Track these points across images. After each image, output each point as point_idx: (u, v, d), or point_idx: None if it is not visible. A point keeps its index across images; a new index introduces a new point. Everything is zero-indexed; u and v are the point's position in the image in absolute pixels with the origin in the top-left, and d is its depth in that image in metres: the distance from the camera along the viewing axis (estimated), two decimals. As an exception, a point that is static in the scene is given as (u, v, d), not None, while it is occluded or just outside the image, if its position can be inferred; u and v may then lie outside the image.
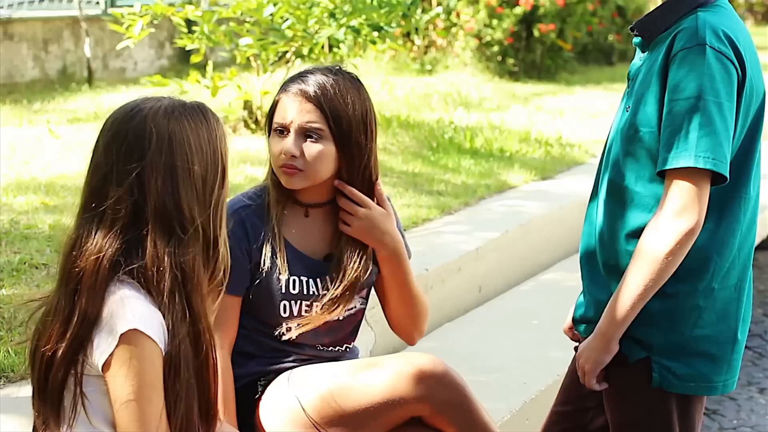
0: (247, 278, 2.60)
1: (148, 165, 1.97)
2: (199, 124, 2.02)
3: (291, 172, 2.57)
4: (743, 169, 2.34)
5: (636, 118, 2.34)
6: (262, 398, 2.63)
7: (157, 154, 1.97)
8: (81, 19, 9.09)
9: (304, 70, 2.64)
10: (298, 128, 2.56)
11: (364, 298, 2.74)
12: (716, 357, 2.39)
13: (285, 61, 6.67)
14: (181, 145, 1.99)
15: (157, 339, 1.92)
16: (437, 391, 2.49)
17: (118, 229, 1.96)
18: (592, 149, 7.32)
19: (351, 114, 2.56)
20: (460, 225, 5.14)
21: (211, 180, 2.02)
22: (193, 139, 2.00)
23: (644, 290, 2.29)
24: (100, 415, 1.95)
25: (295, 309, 2.63)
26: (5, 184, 5.19)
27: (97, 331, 1.92)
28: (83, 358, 1.93)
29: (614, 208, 2.41)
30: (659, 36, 2.37)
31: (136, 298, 1.93)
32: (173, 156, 1.98)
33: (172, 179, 1.98)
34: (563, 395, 2.69)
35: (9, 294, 3.62)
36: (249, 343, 2.65)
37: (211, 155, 2.02)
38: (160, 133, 1.98)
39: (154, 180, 1.97)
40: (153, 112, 2.00)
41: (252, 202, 2.63)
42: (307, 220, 2.66)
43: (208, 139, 2.02)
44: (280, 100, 2.60)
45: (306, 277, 2.63)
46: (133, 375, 1.90)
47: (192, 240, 1.99)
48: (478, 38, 10.73)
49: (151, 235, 1.96)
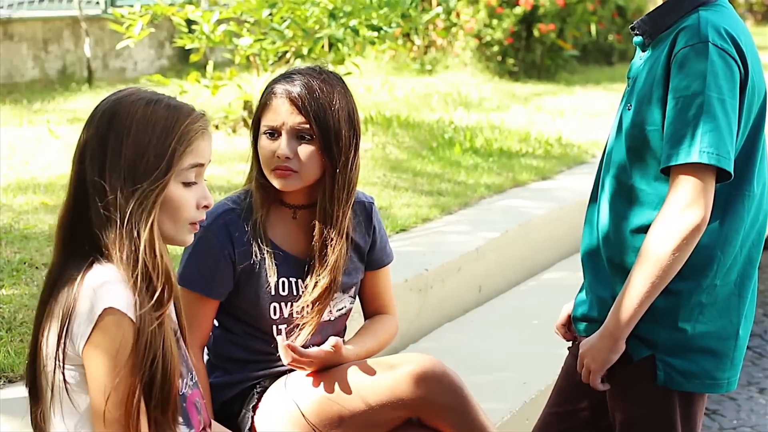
0: (230, 283, 2.60)
1: (89, 138, 2.00)
2: (157, 113, 2.00)
3: (286, 174, 2.56)
4: (747, 167, 2.35)
5: (640, 116, 2.35)
6: (259, 405, 2.63)
7: (96, 127, 2.00)
8: (81, 19, 9.09)
9: (288, 72, 2.64)
10: (290, 130, 2.56)
11: (352, 297, 2.75)
12: (718, 353, 2.39)
13: (285, 61, 6.66)
14: (122, 121, 1.98)
15: (131, 315, 1.92)
16: (435, 393, 2.49)
17: (80, 208, 1.99)
18: (592, 149, 7.32)
19: (337, 115, 2.56)
20: (460, 225, 5.14)
21: (143, 169, 1.97)
22: (140, 121, 1.98)
23: (651, 288, 2.29)
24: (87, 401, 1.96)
25: (285, 311, 2.63)
26: (5, 184, 5.19)
27: (76, 315, 1.93)
28: (64, 346, 1.94)
29: (619, 206, 2.40)
30: (660, 35, 2.38)
31: (107, 277, 1.93)
32: (109, 130, 1.98)
33: (102, 152, 1.97)
34: (558, 396, 2.68)
35: (9, 294, 3.62)
36: (239, 348, 2.65)
37: (156, 145, 1.98)
38: (110, 108, 2.00)
39: (90, 152, 1.98)
40: (125, 94, 2.03)
41: (236, 206, 2.63)
42: (294, 222, 2.66)
43: (162, 127, 1.99)
44: (268, 103, 2.59)
45: (294, 278, 2.63)
46: (108, 354, 1.91)
47: (112, 221, 1.96)
48: (478, 38, 10.73)
49: (93, 211, 1.97)
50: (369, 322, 2.80)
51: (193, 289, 2.58)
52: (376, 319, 2.81)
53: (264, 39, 6.41)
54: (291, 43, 6.42)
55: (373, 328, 2.77)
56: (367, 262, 2.75)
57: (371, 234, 2.74)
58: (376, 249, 2.76)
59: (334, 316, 2.69)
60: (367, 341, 2.71)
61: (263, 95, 2.62)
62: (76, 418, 1.98)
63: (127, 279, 1.94)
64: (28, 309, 3.48)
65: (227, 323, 2.67)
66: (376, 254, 2.76)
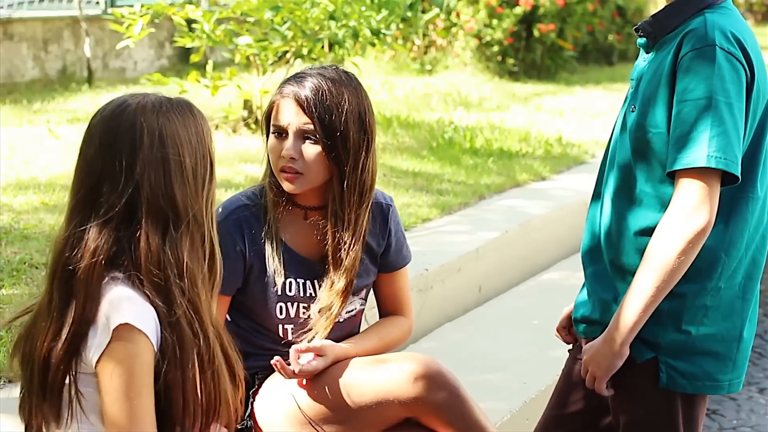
0: (239, 279, 2.60)
1: (141, 160, 1.96)
2: (187, 119, 2.02)
3: (291, 177, 2.56)
4: (751, 170, 2.34)
5: (644, 119, 2.33)
6: (259, 392, 2.64)
7: (149, 149, 1.97)
8: (81, 19, 9.09)
9: (301, 72, 2.63)
10: (296, 130, 2.56)
11: (363, 299, 2.74)
12: (721, 355, 2.38)
13: (285, 61, 6.67)
14: (172, 138, 1.98)
15: (149, 334, 1.92)
16: (430, 392, 2.48)
17: (112, 226, 1.96)
18: (592, 149, 7.32)
19: (345, 117, 2.54)
20: (460, 225, 5.14)
21: (201, 173, 2.02)
22: (182, 132, 2.00)
23: (656, 291, 2.28)
24: (98, 413, 1.95)
25: (292, 311, 2.63)
26: (5, 184, 5.19)
27: (92, 328, 1.92)
28: (78, 357, 1.93)
29: (622, 207, 2.40)
30: (665, 37, 2.37)
31: (129, 295, 1.93)
32: (165, 149, 1.97)
33: (165, 173, 1.97)
34: (558, 398, 2.67)
35: (9, 294, 3.62)
36: (245, 343, 2.65)
37: (200, 149, 2.02)
38: (150, 127, 1.98)
39: (147, 175, 1.96)
40: (141, 107, 2.00)
41: (250, 203, 2.63)
42: (305, 223, 2.66)
43: (195, 132, 2.02)
44: (276, 103, 2.60)
45: (303, 279, 2.63)
46: (123, 369, 1.90)
47: (184, 234, 1.98)
48: (478, 38, 10.73)
49: (144, 231, 1.95)
50: (377, 323, 2.80)
51: None
52: (386, 320, 2.80)
53: (264, 39, 6.41)
54: (291, 43, 6.42)
55: (378, 328, 2.76)
56: (381, 264, 2.74)
57: (386, 237, 2.72)
58: (392, 251, 2.74)
59: (343, 318, 2.69)
60: (368, 340, 2.71)
61: (274, 95, 2.63)
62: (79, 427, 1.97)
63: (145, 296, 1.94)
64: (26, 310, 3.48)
65: (235, 318, 2.67)
66: (392, 257, 2.75)
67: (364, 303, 2.75)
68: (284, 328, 2.64)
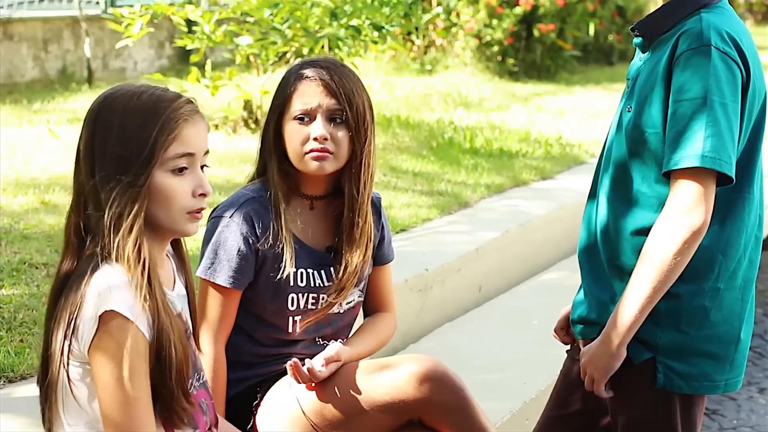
0: (251, 274, 2.60)
1: (81, 137, 2.01)
2: (140, 106, 1.99)
3: (323, 156, 2.57)
4: (747, 170, 2.34)
5: (640, 119, 2.33)
6: (261, 403, 2.63)
7: (85, 127, 2.00)
8: (81, 19, 9.09)
9: (311, 59, 2.66)
10: (326, 112, 2.58)
11: (362, 290, 2.76)
12: (719, 356, 2.38)
13: (285, 61, 6.67)
14: (106, 119, 1.99)
15: (135, 319, 1.91)
16: (436, 394, 2.48)
17: (82, 208, 1.99)
18: (592, 149, 7.32)
19: (362, 99, 2.61)
20: (460, 225, 5.14)
21: (127, 162, 1.97)
22: (121, 118, 1.98)
23: (653, 292, 2.28)
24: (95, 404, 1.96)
25: (302, 301, 2.64)
26: (5, 184, 5.19)
27: (80, 318, 1.92)
28: (70, 347, 1.93)
29: (619, 207, 2.40)
30: (661, 37, 2.37)
31: (112, 281, 1.92)
32: (95, 129, 1.99)
33: (90, 152, 1.98)
34: (557, 399, 2.67)
35: (9, 294, 3.62)
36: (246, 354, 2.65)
37: (137, 139, 1.98)
38: (96, 107, 2.01)
39: (81, 152, 2.00)
40: (112, 92, 2.03)
41: (257, 196, 2.63)
42: (311, 213, 2.68)
43: (141, 119, 1.98)
44: (296, 88, 2.59)
45: (312, 269, 2.64)
46: (112, 357, 1.90)
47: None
48: (478, 38, 10.73)
49: (104, 213, 1.96)
50: (369, 321, 2.81)
51: (218, 280, 2.57)
52: (375, 317, 2.82)
53: (264, 39, 6.41)
54: (291, 43, 6.42)
55: (373, 327, 2.78)
56: (376, 255, 2.77)
57: (380, 228, 2.77)
58: (385, 243, 2.80)
59: (344, 309, 2.71)
60: (368, 340, 2.73)
61: (288, 82, 2.62)
62: (83, 417, 1.98)
63: (129, 279, 1.93)
64: (28, 309, 3.49)
65: (240, 320, 2.65)
66: (384, 248, 2.80)
67: (362, 295, 2.77)
68: (294, 320, 2.64)
